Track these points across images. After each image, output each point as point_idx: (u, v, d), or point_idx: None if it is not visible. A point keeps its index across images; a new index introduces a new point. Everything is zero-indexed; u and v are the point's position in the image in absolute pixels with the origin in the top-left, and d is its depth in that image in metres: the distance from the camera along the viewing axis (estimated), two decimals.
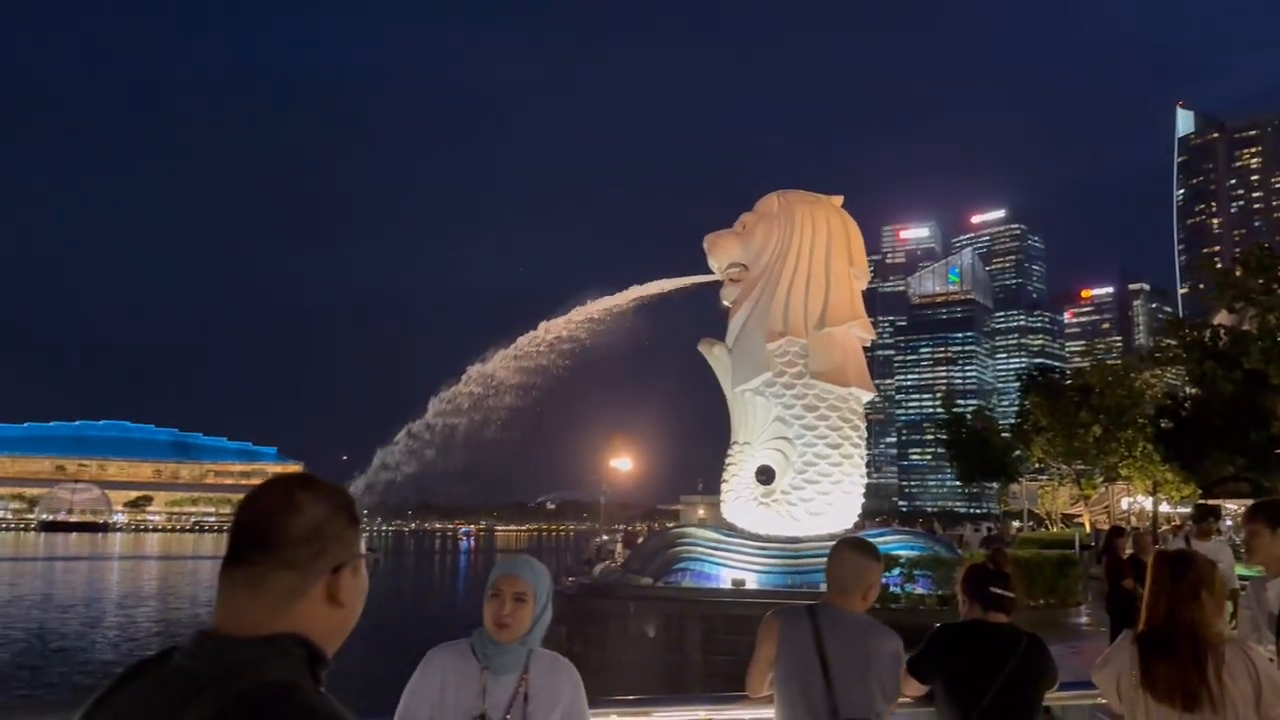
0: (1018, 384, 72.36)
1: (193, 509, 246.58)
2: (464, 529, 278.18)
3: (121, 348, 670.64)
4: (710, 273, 27.12)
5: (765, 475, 24.95)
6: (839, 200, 27.12)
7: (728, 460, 25.84)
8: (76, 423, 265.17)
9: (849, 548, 4.47)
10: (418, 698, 3.43)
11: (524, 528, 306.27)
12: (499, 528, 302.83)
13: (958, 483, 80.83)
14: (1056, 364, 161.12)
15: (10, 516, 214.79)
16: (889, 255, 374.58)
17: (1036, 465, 62.77)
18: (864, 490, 25.99)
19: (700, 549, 24.95)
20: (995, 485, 70.22)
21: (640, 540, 32.75)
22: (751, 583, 23.51)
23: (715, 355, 26.30)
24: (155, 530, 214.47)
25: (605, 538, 53.56)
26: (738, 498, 25.31)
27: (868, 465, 26.86)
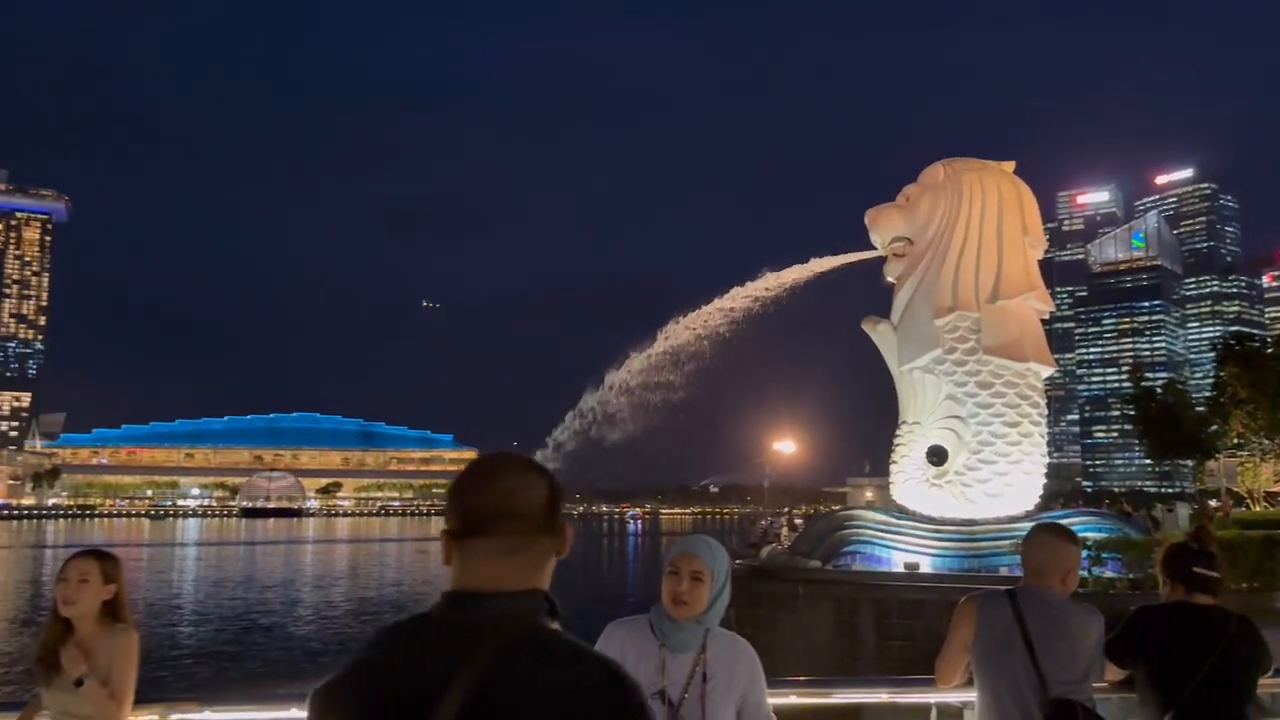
0: (1212, 354, 67.55)
1: (378, 494, 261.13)
2: (631, 512, 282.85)
3: (310, 344, 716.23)
4: (873, 248, 26.41)
5: (937, 456, 24.14)
6: (1010, 166, 25.91)
7: (896, 441, 25.15)
8: (271, 416, 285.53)
9: (1045, 531, 4.23)
10: None
11: (688, 510, 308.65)
12: (664, 510, 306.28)
13: (1146, 461, 76.13)
14: (1255, 332, 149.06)
15: (215, 504, 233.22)
16: (1065, 222, 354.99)
17: (1235, 441, 58.53)
18: (1045, 471, 24.79)
19: (870, 532, 24.42)
20: (1189, 463, 65.92)
21: (802, 523, 32.36)
22: (926, 566, 22.85)
23: (880, 333, 25.61)
24: (345, 515, 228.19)
25: (771, 520, 53.26)
26: (908, 479, 24.60)
27: (1048, 444, 25.57)
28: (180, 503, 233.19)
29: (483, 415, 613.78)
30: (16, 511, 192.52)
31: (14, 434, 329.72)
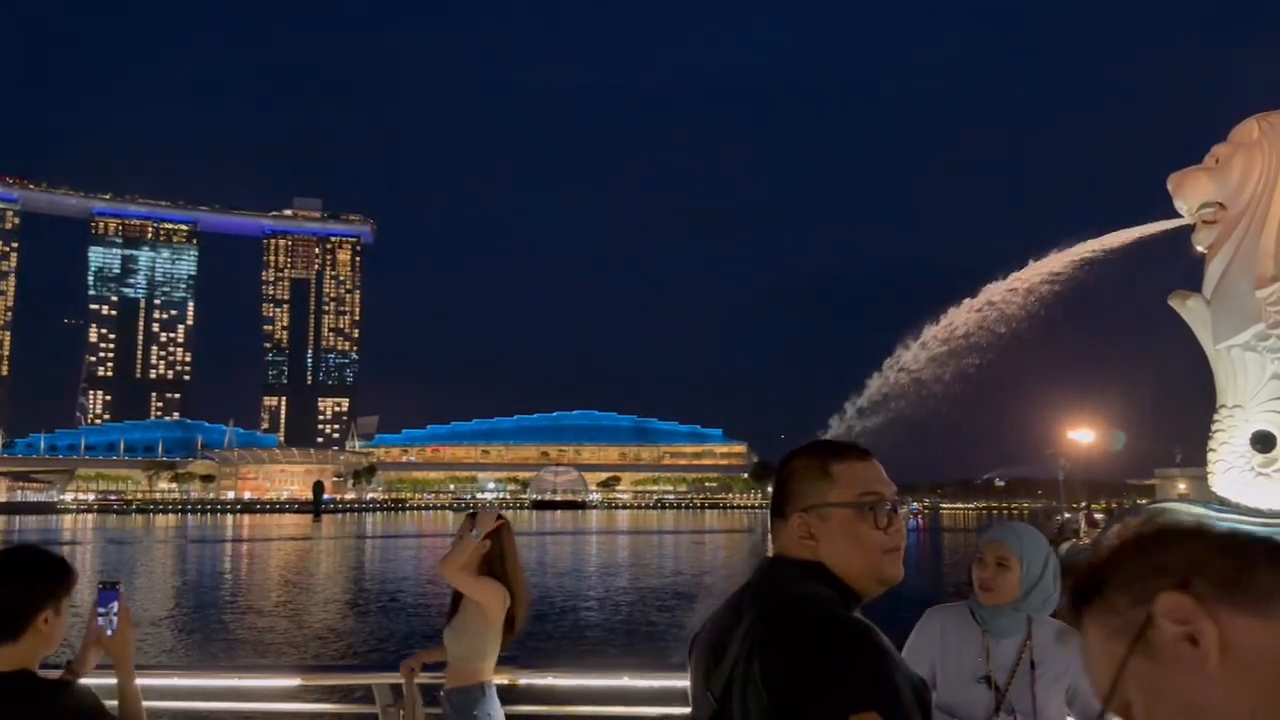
0: None
1: (654, 487, 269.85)
2: (911, 506, 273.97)
3: (586, 343, 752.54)
4: (1178, 216, 24.09)
5: (1263, 443, 21.71)
6: None
7: (1214, 427, 22.81)
8: (554, 414, 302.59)
9: None
10: (917, 655, 3.49)
11: (971, 506, 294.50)
12: (944, 506, 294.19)
13: None
14: None
15: (508, 497, 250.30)
16: None
17: None
18: None
19: None
20: None
21: (1103, 518, 30.01)
22: None
23: (1190, 309, 23.33)
24: (624, 507, 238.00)
25: (1068, 516, 49.79)
26: (1229, 468, 22.25)
27: None
28: (479, 496, 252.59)
29: (750, 409, 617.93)
30: (341, 505, 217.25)
31: (336, 435, 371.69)
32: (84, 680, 2.96)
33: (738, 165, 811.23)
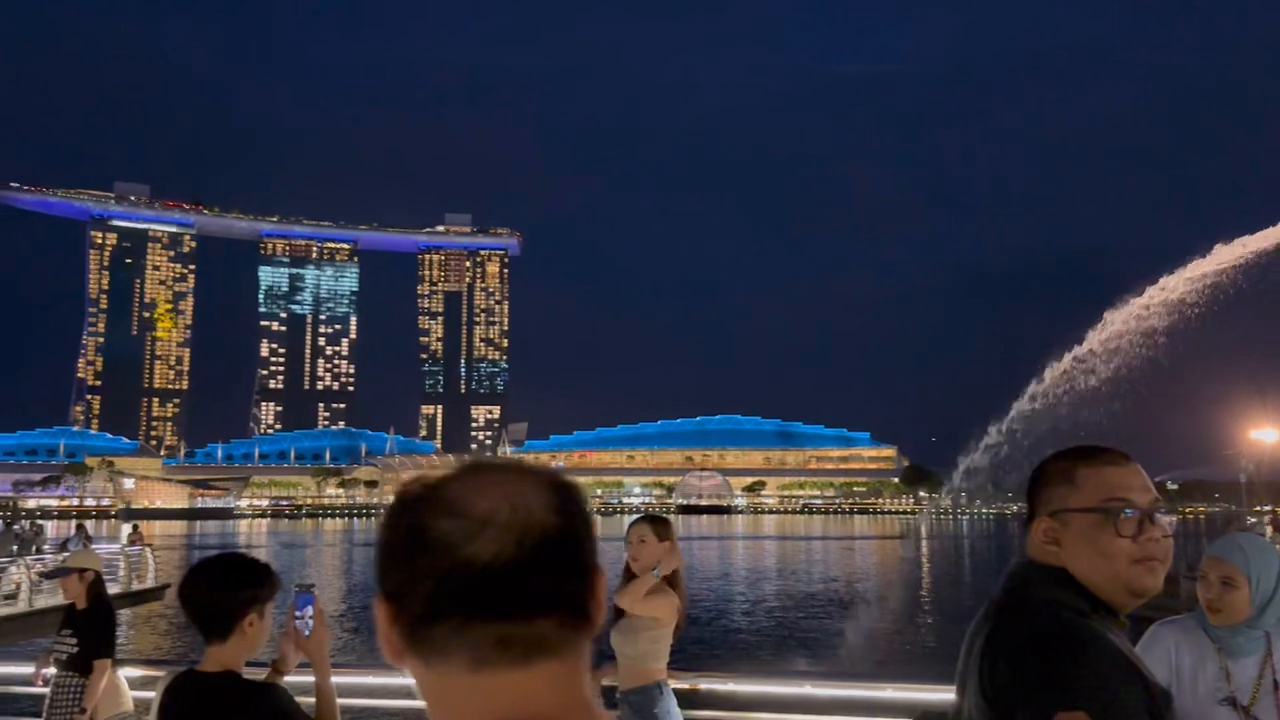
0: None
1: (800, 492, 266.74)
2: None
3: (728, 347, 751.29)
4: None
5: None
6: None
7: None
8: (698, 419, 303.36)
9: None
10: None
11: None
12: None
13: None
14: None
15: (654, 501, 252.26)
16: None
17: None
18: None
19: None
20: None
21: None
22: None
23: None
24: (770, 512, 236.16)
25: (1252, 520, 46.26)
26: None
27: None
28: (625, 500, 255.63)
29: (900, 412, 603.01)
30: None
31: (489, 442, 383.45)
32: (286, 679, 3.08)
33: (881, 159, 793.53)
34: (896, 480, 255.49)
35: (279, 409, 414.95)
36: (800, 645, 28.04)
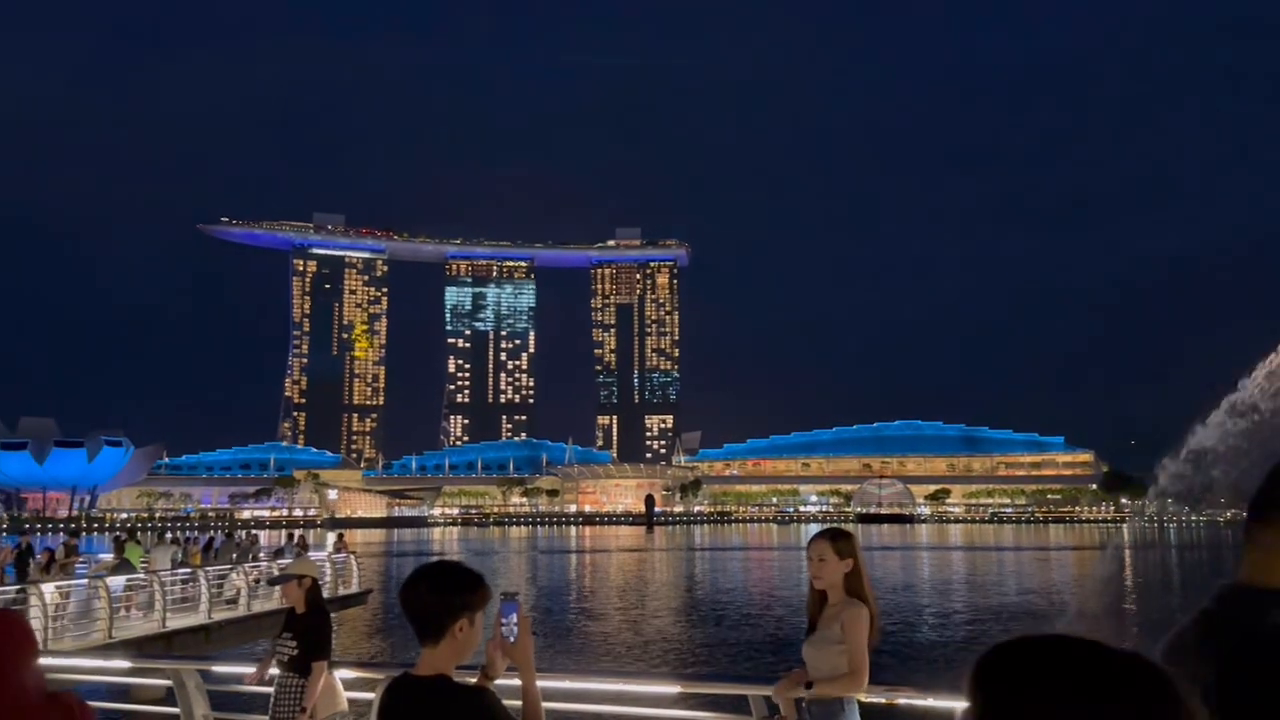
0: None
1: (988, 500, 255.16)
2: None
3: (906, 350, 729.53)
4: None
5: None
6: None
7: None
8: (875, 425, 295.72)
9: None
10: None
11: None
12: None
13: None
14: None
15: (830, 510, 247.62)
16: None
17: None
18: None
19: None
20: None
21: None
22: None
23: None
24: (955, 521, 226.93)
25: None
26: None
27: None
28: (801, 509, 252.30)
29: (1097, 414, 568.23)
30: (670, 518, 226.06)
31: (663, 451, 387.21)
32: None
33: (1073, 152, 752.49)
34: (1094, 487, 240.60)
35: (466, 421, 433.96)
36: None
